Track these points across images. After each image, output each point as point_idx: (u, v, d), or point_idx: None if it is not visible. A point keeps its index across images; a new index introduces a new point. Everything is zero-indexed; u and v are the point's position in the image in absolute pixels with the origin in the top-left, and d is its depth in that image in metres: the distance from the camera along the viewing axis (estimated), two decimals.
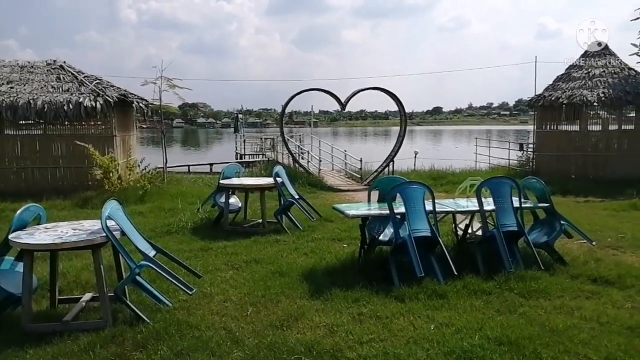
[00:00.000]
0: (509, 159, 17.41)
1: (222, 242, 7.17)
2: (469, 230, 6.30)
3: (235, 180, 8.56)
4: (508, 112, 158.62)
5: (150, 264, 4.36)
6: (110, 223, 4.29)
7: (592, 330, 4.06)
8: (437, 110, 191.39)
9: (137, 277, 4.37)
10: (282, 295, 4.92)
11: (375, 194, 6.42)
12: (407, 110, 15.33)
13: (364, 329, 4.10)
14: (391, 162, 15.35)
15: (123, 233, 4.39)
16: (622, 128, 14.20)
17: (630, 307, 4.57)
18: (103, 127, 12.53)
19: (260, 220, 8.20)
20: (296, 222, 8.13)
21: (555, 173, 13.95)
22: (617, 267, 5.67)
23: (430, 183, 14.29)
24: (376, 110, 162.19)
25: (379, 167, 15.43)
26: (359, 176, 15.20)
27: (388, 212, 5.38)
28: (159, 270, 4.39)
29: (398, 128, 15.80)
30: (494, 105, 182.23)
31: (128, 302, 4.34)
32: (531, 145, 16.01)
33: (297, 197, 8.30)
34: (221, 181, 8.35)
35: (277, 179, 8.13)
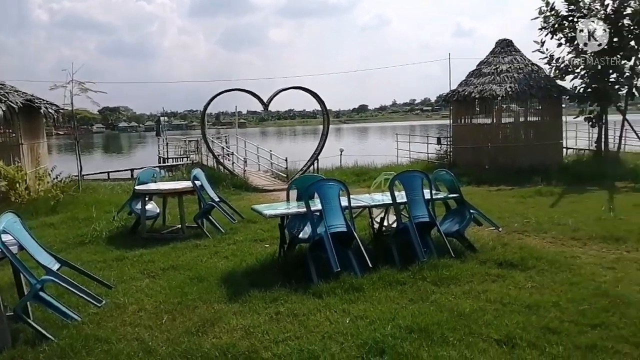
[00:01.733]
0: (427, 153, 18.11)
1: (139, 250, 6.93)
2: (385, 223, 6.48)
3: (152, 186, 8.30)
4: (430, 108, 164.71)
5: (53, 278, 4.14)
6: (6, 237, 4.02)
7: (496, 311, 4.30)
8: (363, 108, 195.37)
9: (40, 293, 4.12)
10: (199, 300, 4.83)
11: (294, 193, 6.46)
12: (334, 109, 15.68)
13: (281, 327, 4.11)
14: (316, 161, 15.49)
15: (22, 247, 4.13)
16: (528, 120, 15.19)
17: (530, 287, 4.90)
18: (7, 135, 11.71)
19: (180, 226, 8.00)
20: (218, 226, 8.01)
21: (471, 164, 14.67)
22: (520, 251, 6.04)
23: (353, 179, 14.62)
24: (304, 110, 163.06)
25: (304, 166, 15.53)
26: (285, 175, 15.22)
27: (305, 210, 5.43)
28: (63, 284, 4.17)
29: (328, 127, 15.95)
30: (416, 102, 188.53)
31: (30, 320, 4.08)
32: (448, 139, 16.73)
33: (217, 199, 8.17)
34: (136, 187, 8.07)
35: (196, 182, 7.96)
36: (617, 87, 14.14)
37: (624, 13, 13.37)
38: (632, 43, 13.58)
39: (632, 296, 4.57)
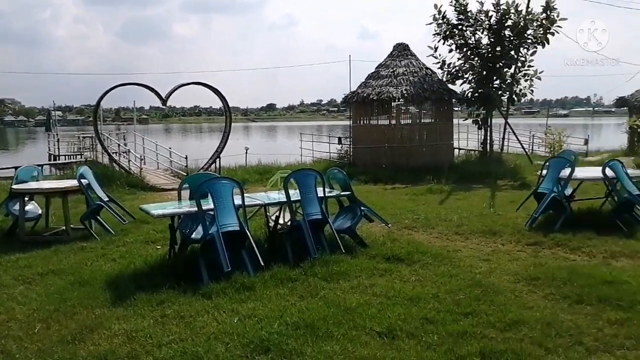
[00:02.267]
0: (330, 153, 18.50)
1: (15, 254, 6.39)
2: (281, 221, 6.51)
3: (32, 184, 7.68)
4: (336, 109, 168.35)
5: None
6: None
7: (381, 304, 4.48)
8: (271, 107, 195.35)
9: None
10: (79, 306, 4.55)
11: (187, 192, 6.29)
12: (242, 107, 15.46)
13: (166, 330, 3.99)
14: (218, 159, 15.21)
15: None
16: (423, 121, 16.04)
17: (414, 280, 5.17)
18: None
19: (64, 227, 7.48)
20: (107, 227, 7.60)
21: (369, 163, 15.21)
22: (408, 245, 6.35)
23: (256, 178, 14.56)
24: (211, 106, 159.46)
25: (205, 164, 15.20)
26: (185, 174, 14.77)
27: (196, 209, 5.31)
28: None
29: (234, 124, 15.71)
30: (323, 102, 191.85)
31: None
32: (349, 139, 17.18)
33: (106, 199, 7.73)
34: (14, 186, 7.43)
35: (82, 180, 7.49)
36: (500, 92, 15.34)
37: (505, 25, 14.53)
38: (512, 52, 14.80)
39: (501, 285, 4.99)
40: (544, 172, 7.88)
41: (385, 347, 3.68)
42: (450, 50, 15.11)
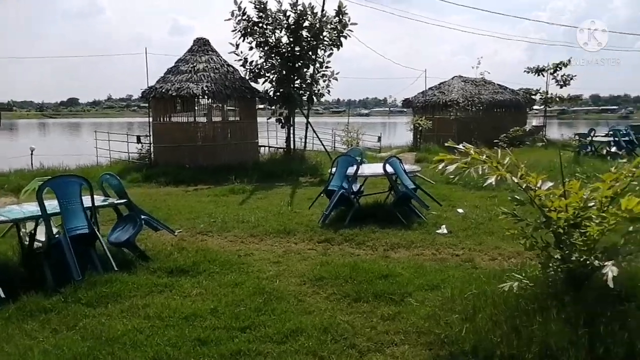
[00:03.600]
0: (129, 152, 17.05)
1: None
2: (41, 238, 5.49)
3: None
4: (147, 105, 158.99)
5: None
6: None
7: (152, 328, 3.95)
8: (73, 102, 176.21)
9: None
10: None
11: None
12: (36, 101, 13.13)
13: None
14: None
15: None
16: (228, 119, 15.68)
17: (195, 294, 4.72)
18: None
19: None
20: None
21: (172, 163, 14.32)
22: (196, 254, 5.87)
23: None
24: None
25: None
26: None
27: None
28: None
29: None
30: (134, 98, 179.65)
31: None
32: (149, 137, 15.99)
33: None
34: None
35: None
36: (300, 92, 15.73)
37: (303, 25, 14.93)
38: (311, 53, 15.29)
39: (286, 289, 4.83)
40: (333, 169, 8.10)
41: None
42: (251, 48, 15.00)
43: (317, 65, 15.92)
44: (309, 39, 15.10)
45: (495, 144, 18.04)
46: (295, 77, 15.49)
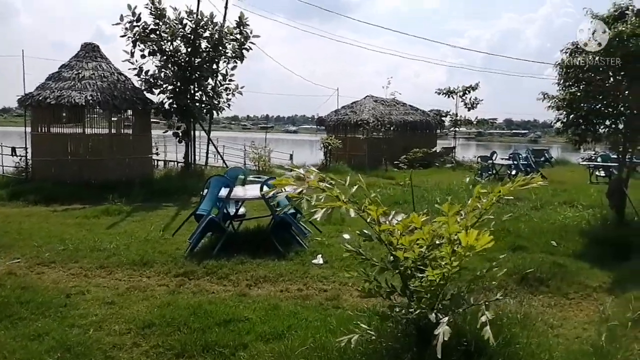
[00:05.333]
0: (3, 166, 15.25)
1: None
2: None
3: None
4: (24, 114, 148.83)
5: None
6: None
7: None
8: None
9: None
10: None
11: None
12: None
13: None
14: None
15: None
16: (117, 132, 14.43)
17: None
18: None
19: None
20: None
21: (51, 179, 12.83)
22: (12, 292, 4.88)
23: None
24: None
25: None
26: None
27: None
28: None
29: None
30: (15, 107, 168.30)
31: None
32: (26, 149, 14.32)
33: None
34: None
35: None
36: (201, 105, 14.83)
37: (203, 35, 14.11)
38: (212, 65, 14.45)
39: (100, 341, 4.01)
40: (205, 191, 7.31)
41: None
42: (143, 56, 13.91)
43: (220, 77, 15.14)
44: (208, 49, 14.28)
45: (406, 164, 18.13)
46: (195, 90, 14.57)
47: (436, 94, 25.55)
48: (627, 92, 7.10)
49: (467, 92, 25.17)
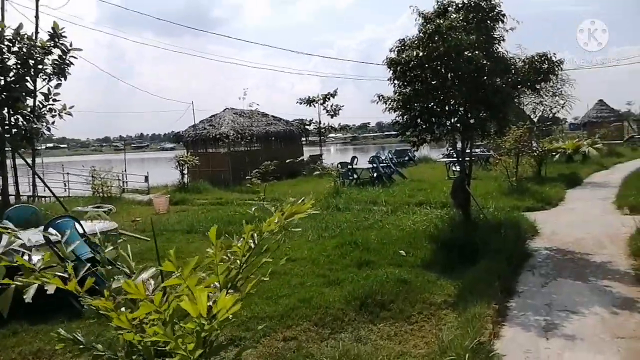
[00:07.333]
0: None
1: None
2: None
3: None
4: None
5: None
6: None
7: None
8: None
9: None
10: None
11: None
12: None
13: None
14: None
15: None
16: None
17: None
18: None
19: None
20: None
21: None
22: None
23: None
24: None
25: None
26: None
27: None
28: None
29: None
30: None
31: None
32: None
33: None
34: None
35: None
36: (15, 130, 12.60)
37: (11, 50, 11.98)
38: (20, 84, 12.32)
39: None
40: None
41: None
42: None
43: (42, 97, 12.99)
44: (18, 66, 12.16)
45: (273, 177, 17.20)
46: (11, 113, 12.30)
47: (298, 104, 25.24)
48: (454, 89, 6.82)
49: (327, 99, 25.15)
